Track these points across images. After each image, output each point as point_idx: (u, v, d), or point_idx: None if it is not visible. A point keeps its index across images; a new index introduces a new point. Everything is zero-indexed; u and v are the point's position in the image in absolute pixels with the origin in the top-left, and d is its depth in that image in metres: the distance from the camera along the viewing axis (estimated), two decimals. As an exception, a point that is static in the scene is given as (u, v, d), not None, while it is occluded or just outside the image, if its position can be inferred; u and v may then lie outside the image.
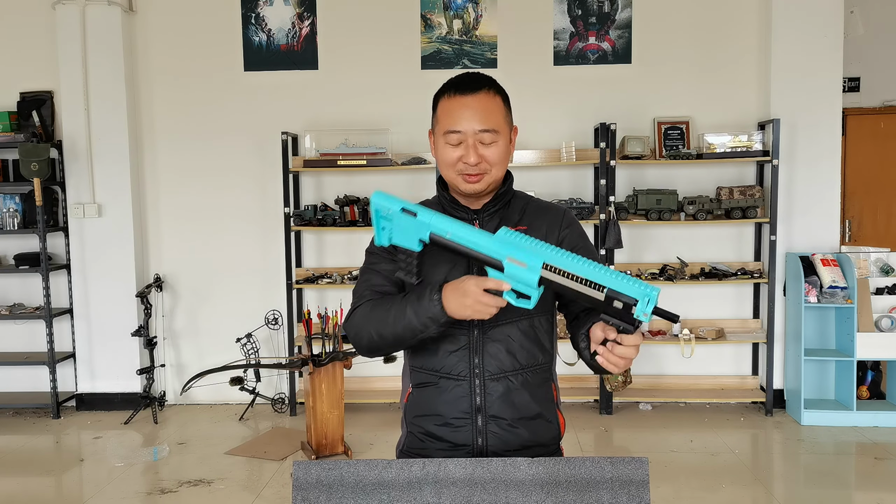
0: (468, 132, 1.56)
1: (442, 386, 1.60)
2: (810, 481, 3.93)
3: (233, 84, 5.17)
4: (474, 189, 1.60)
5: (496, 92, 1.62)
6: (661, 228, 5.10)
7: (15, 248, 5.26)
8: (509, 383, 1.58)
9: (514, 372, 1.58)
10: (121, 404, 5.13)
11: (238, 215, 5.23)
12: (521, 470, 1.30)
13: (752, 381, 5.12)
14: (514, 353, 1.58)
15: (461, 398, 1.58)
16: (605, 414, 4.90)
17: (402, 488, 1.30)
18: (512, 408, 1.58)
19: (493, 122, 1.58)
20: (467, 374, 1.57)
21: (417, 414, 1.64)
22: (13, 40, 5.17)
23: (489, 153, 1.57)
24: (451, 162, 1.59)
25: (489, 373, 1.57)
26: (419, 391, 1.64)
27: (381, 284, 1.63)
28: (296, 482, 1.32)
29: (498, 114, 1.60)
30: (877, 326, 4.59)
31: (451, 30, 5.08)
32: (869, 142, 5.97)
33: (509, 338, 1.58)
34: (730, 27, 5.00)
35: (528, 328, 1.60)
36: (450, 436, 1.59)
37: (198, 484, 3.87)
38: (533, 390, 1.61)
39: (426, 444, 1.62)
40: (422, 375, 1.63)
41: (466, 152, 1.56)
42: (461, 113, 1.57)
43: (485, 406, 1.57)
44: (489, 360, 1.57)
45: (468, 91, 1.58)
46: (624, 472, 1.31)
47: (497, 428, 1.57)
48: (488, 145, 1.58)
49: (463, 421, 1.58)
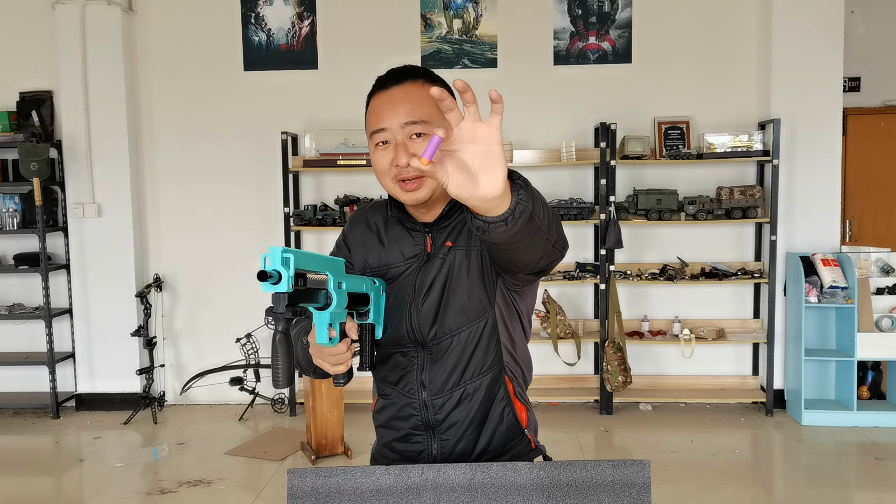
0: (393, 128, 1.40)
1: (395, 401, 1.55)
2: (811, 481, 3.93)
3: (233, 84, 5.17)
4: (415, 198, 1.42)
5: (427, 80, 1.43)
6: (661, 228, 5.09)
7: (14, 248, 5.26)
8: (459, 394, 1.49)
9: (460, 385, 1.49)
10: (120, 404, 5.12)
11: (238, 215, 5.22)
12: (522, 474, 1.29)
13: (752, 382, 5.12)
14: (458, 367, 1.48)
15: (412, 415, 1.53)
16: (605, 414, 4.90)
17: (400, 495, 1.29)
18: (465, 418, 1.50)
19: (423, 112, 1.39)
20: (415, 392, 1.51)
21: (380, 424, 1.61)
22: (13, 40, 5.17)
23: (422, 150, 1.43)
24: (384, 168, 1.42)
25: (436, 390, 1.49)
26: (382, 401, 1.60)
27: None
28: (290, 490, 1.31)
29: (427, 103, 1.40)
30: (877, 326, 4.59)
31: (451, 29, 5.07)
32: (869, 142, 5.97)
33: (455, 352, 1.48)
34: (730, 27, 4.99)
35: (469, 337, 1.48)
36: (407, 450, 1.56)
37: (197, 484, 3.87)
38: (483, 396, 1.50)
39: (389, 455, 1.60)
40: (381, 387, 1.59)
41: (396, 153, 1.40)
42: (384, 109, 1.41)
43: (435, 420, 1.52)
44: (435, 376, 1.49)
45: (391, 84, 1.43)
46: (625, 476, 1.30)
47: (451, 439, 1.52)
48: (421, 141, 1.39)
49: (418, 437, 1.54)
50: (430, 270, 1.47)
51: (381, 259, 1.53)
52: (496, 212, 1.06)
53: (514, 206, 1.06)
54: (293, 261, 1.05)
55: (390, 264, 1.52)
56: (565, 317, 4.95)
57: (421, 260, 1.49)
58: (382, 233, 1.55)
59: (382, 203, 1.60)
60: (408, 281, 1.49)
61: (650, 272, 4.98)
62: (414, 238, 1.51)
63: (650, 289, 5.14)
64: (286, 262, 1.04)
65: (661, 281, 4.90)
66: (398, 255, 1.52)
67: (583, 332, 5.02)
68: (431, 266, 1.48)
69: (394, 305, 1.49)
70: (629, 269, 5.03)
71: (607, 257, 4.82)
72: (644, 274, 4.97)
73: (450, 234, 1.48)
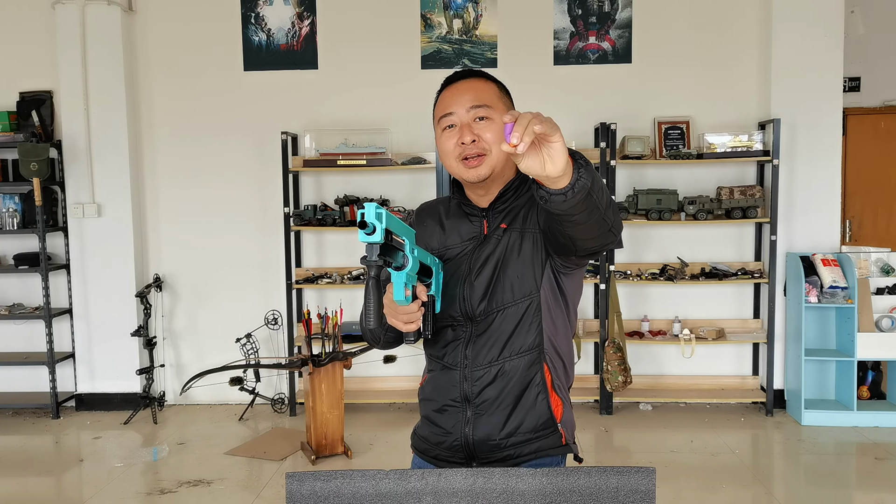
0: (459, 112, 1.57)
1: (440, 372, 1.66)
2: (810, 481, 3.93)
3: (232, 84, 5.16)
4: (477, 174, 1.57)
5: (490, 80, 1.63)
6: (661, 228, 5.09)
7: (14, 248, 5.25)
8: (496, 370, 1.60)
9: (499, 361, 1.60)
10: (120, 404, 5.12)
11: (238, 215, 5.22)
12: (524, 480, 1.29)
13: (752, 382, 5.12)
14: (503, 343, 1.59)
15: (452, 387, 1.63)
16: (605, 414, 4.90)
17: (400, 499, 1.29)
18: (495, 396, 1.60)
19: (485, 98, 1.57)
20: (457, 364, 1.62)
21: (423, 397, 1.72)
22: (13, 40, 5.16)
23: (485, 131, 1.55)
24: (450, 149, 1.58)
25: (477, 364, 1.60)
26: (429, 376, 1.71)
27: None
28: (289, 494, 1.30)
29: (490, 92, 1.60)
30: (877, 326, 4.59)
31: (451, 29, 5.07)
32: (869, 141, 5.97)
33: (499, 328, 1.59)
34: (730, 26, 4.99)
35: (513, 315, 1.59)
36: (442, 421, 1.65)
37: (197, 484, 3.87)
38: (519, 377, 1.60)
39: (427, 428, 1.70)
40: (430, 362, 1.71)
41: (461, 134, 1.56)
42: (452, 98, 1.59)
43: (472, 394, 1.61)
44: (479, 351, 1.60)
45: (460, 79, 1.62)
46: (630, 482, 1.29)
47: (482, 415, 1.61)
48: (483, 124, 1.56)
49: (453, 408, 1.63)
50: (485, 249, 1.61)
51: (442, 242, 1.68)
52: (559, 185, 1.25)
53: (575, 181, 1.26)
54: (385, 217, 1.21)
55: (449, 246, 1.66)
56: (565, 317, 4.94)
57: (477, 241, 1.64)
58: (444, 219, 1.71)
59: (445, 197, 1.76)
60: (464, 259, 1.63)
61: (650, 272, 4.98)
62: (472, 222, 1.66)
63: (650, 289, 5.14)
64: (379, 217, 1.20)
65: (661, 281, 4.90)
66: (457, 238, 1.67)
67: (583, 332, 5.02)
68: (486, 245, 1.62)
69: (451, 281, 1.62)
70: (629, 269, 5.03)
71: (607, 257, 4.81)
72: (644, 274, 4.97)
73: (504, 216, 1.62)
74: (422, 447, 1.73)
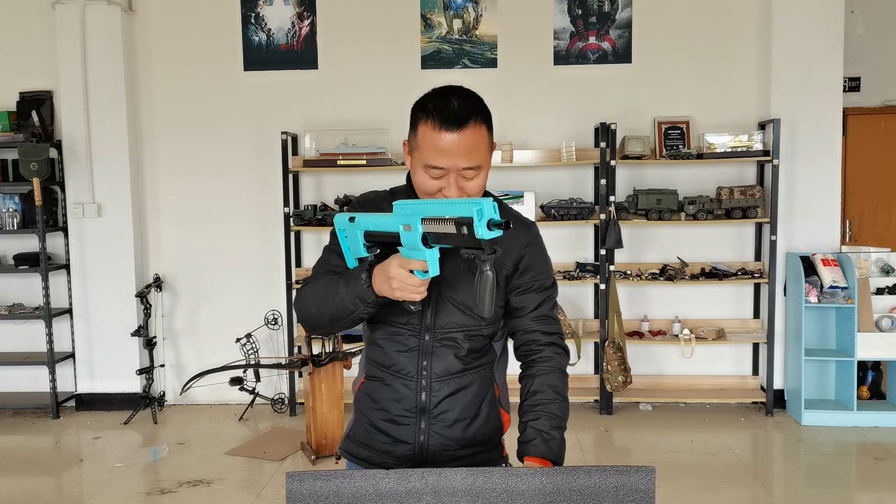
0: (452, 169, 1.53)
1: (389, 383, 1.65)
2: (810, 481, 3.93)
3: (232, 84, 5.16)
4: None
5: (482, 120, 1.55)
6: (661, 228, 5.09)
7: (14, 248, 5.25)
8: (454, 384, 1.63)
9: (459, 374, 1.63)
10: (120, 404, 5.12)
11: (238, 215, 5.22)
12: (524, 480, 1.29)
13: (752, 382, 5.12)
14: (461, 357, 1.62)
15: (407, 397, 1.63)
16: (605, 414, 4.90)
17: (400, 498, 1.29)
18: (455, 408, 1.63)
19: (478, 158, 1.54)
20: (415, 375, 1.62)
21: (367, 405, 1.70)
22: (13, 40, 5.16)
23: (470, 186, 1.56)
24: (431, 191, 1.58)
25: (436, 374, 1.62)
26: (370, 383, 1.69)
27: (337, 265, 1.66)
28: (289, 494, 1.30)
29: (483, 148, 1.55)
30: (877, 326, 4.59)
31: (451, 29, 5.07)
32: (869, 142, 5.96)
33: (458, 344, 1.62)
34: (730, 27, 4.99)
35: (476, 335, 1.63)
36: (393, 431, 1.65)
37: (197, 484, 3.87)
38: (476, 391, 1.65)
39: (371, 435, 1.68)
40: (373, 369, 1.69)
41: (448, 185, 1.55)
42: (446, 150, 1.52)
43: (429, 406, 1.63)
44: (437, 363, 1.62)
45: (455, 128, 1.51)
46: (630, 482, 1.29)
47: (439, 427, 1.63)
48: (470, 179, 1.55)
49: (407, 419, 1.64)
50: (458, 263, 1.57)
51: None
52: None
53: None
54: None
55: None
56: (565, 317, 4.95)
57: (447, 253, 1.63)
58: None
59: (388, 193, 1.74)
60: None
61: (650, 272, 4.98)
62: None
63: (650, 289, 5.14)
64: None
65: (661, 281, 4.90)
66: None
67: (583, 332, 5.02)
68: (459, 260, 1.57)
69: None
70: (629, 269, 5.03)
71: (607, 257, 4.81)
72: (644, 274, 4.97)
73: None
74: (363, 454, 1.70)
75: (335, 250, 1.68)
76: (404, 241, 1.39)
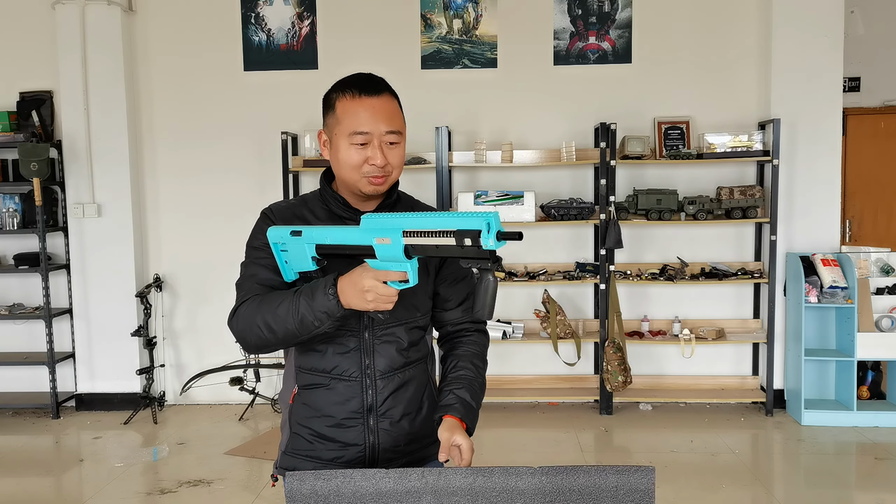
0: (375, 133, 1.57)
1: (332, 387, 1.63)
2: (810, 481, 3.93)
3: (233, 84, 5.16)
4: (377, 191, 1.61)
5: (394, 96, 1.65)
6: (661, 228, 5.09)
7: (14, 248, 5.25)
8: (398, 380, 1.64)
9: (402, 369, 1.65)
10: (120, 404, 5.12)
11: (238, 215, 5.21)
12: (524, 479, 1.29)
13: (752, 382, 5.12)
14: (402, 352, 1.64)
15: (352, 398, 1.62)
16: (605, 414, 4.90)
17: (400, 498, 1.29)
18: (400, 404, 1.64)
19: (398, 123, 1.61)
20: (358, 375, 1.61)
21: (306, 415, 1.66)
22: (13, 40, 5.16)
23: (393, 155, 1.59)
24: (357, 164, 1.59)
25: (380, 372, 1.62)
26: (306, 392, 1.66)
27: (268, 279, 1.63)
28: (289, 494, 1.31)
29: (400, 118, 1.63)
30: (877, 326, 4.59)
31: (451, 29, 5.07)
32: (869, 142, 5.97)
33: (398, 338, 1.63)
34: (730, 27, 4.99)
35: (414, 328, 1.66)
36: (340, 436, 1.63)
37: (197, 484, 3.87)
38: (417, 385, 1.68)
39: (315, 445, 1.66)
40: (309, 377, 1.65)
41: (374, 154, 1.57)
42: (370, 117, 1.58)
43: (376, 404, 1.62)
44: (380, 360, 1.62)
45: (373, 93, 1.60)
46: (629, 481, 1.29)
47: (387, 425, 1.63)
48: (392, 148, 1.60)
49: (354, 421, 1.63)
50: None
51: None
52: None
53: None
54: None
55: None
56: (565, 317, 4.95)
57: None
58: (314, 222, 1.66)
59: (299, 200, 1.76)
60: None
61: (650, 272, 4.98)
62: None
63: (650, 289, 5.14)
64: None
65: (661, 281, 4.90)
66: None
67: (583, 332, 5.02)
68: None
69: None
70: (629, 269, 5.03)
71: (607, 257, 4.82)
72: (644, 274, 4.97)
73: None
74: (307, 467, 1.66)
75: (261, 264, 1.65)
76: (379, 253, 1.40)
